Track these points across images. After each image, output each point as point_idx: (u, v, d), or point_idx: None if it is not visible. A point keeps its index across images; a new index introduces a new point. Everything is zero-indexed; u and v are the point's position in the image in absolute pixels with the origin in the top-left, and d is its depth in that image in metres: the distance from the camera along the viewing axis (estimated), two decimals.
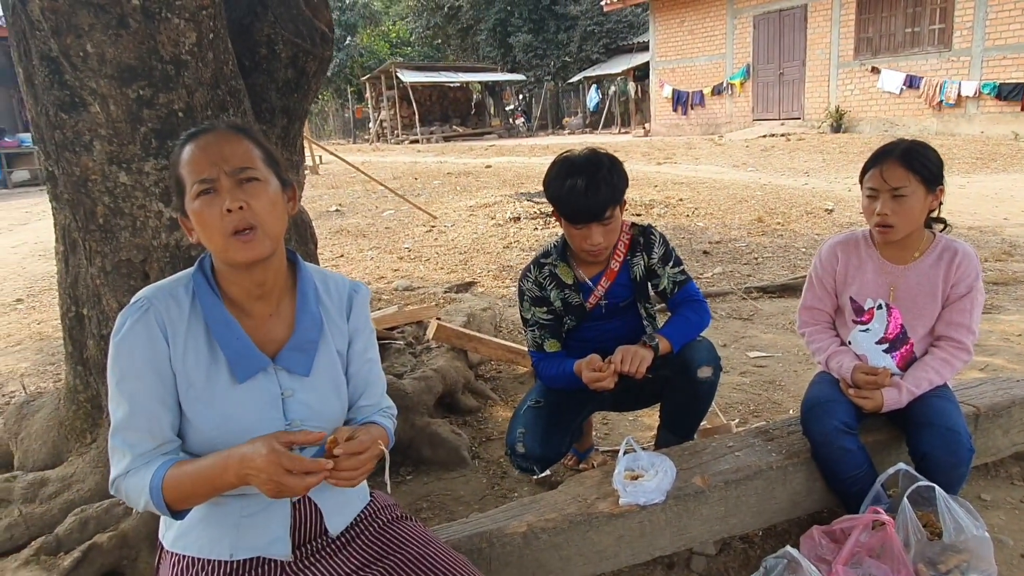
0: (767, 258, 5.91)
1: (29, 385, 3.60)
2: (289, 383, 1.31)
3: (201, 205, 1.21)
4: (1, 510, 2.22)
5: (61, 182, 2.06)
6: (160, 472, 1.20)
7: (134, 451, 1.22)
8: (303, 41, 2.37)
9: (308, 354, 1.33)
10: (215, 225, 1.20)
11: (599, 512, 1.81)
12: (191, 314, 1.27)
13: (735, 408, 3.07)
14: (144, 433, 1.23)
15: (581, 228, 2.00)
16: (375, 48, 32.05)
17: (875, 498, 1.86)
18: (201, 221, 1.22)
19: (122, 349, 1.23)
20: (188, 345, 1.25)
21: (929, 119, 14.30)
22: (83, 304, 2.24)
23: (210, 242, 1.23)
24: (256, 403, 1.28)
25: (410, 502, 2.43)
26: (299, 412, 1.32)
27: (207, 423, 1.25)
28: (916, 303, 2.01)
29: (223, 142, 1.24)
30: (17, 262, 7.11)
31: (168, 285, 1.29)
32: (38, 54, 1.91)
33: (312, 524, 1.36)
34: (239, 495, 1.30)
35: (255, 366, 1.28)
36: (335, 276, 1.45)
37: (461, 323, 3.56)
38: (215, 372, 1.26)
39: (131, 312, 1.25)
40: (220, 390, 1.26)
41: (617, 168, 2.01)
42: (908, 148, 1.91)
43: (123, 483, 1.23)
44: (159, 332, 1.24)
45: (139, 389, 1.22)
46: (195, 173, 1.22)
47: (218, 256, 1.27)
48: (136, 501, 1.22)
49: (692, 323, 2.15)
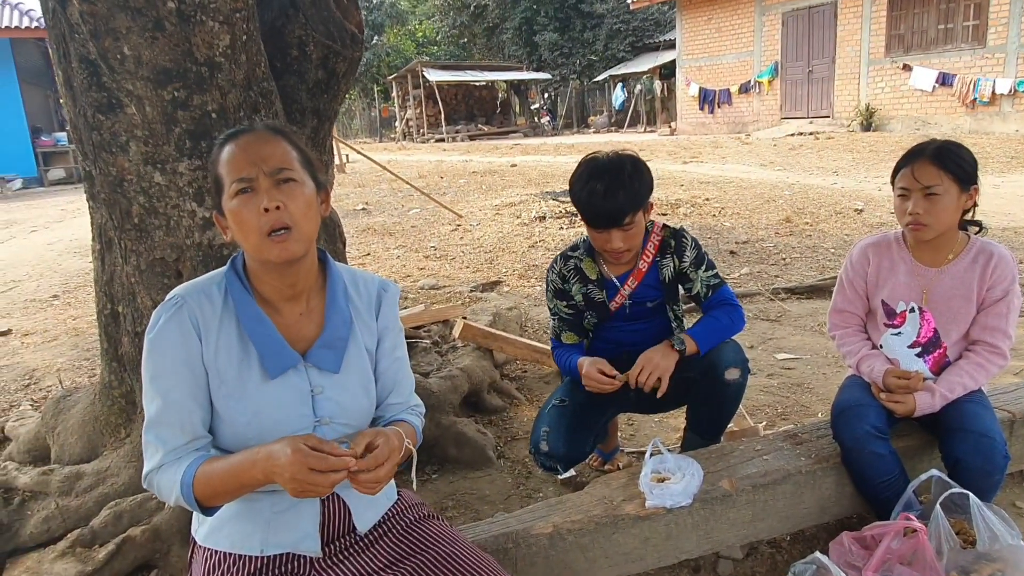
0: (795, 259, 5.84)
1: (65, 380, 3.69)
2: (319, 380, 1.33)
3: (239, 204, 1.23)
4: (38, 503, 2.28)
5: (98, 182, 2.10)
6: (191, 469, 1.22)
7: (166, 446, 1.25)
8: (333, 42, 2.40)
9: (338, 351, 1.35)
10: (252, 224, 1.22)
11: (625, 514, 1.81)
12: (224, 311, 1.29)
13: (762, 411, 3.05)
14: (176, 429, 1.25)
15: (601, 232, 2.00)
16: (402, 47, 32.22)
17: (907, 504, 1.84)
18: (238, 220, 1.24)
19: (156, 346, 1.26)
20: (220, 342, 1.27)
21: (962, 117, 14.02)
22: (118, 301, 2.28)
23: (245, 241, 1.25)
24: (286, 399, 1.30)
25: (435, 501, 2.45)
26: (328, 409, 1.33)
27: (238, 419, 1.27)
28: (950, 307, 1.97)
29: (262, 142, 1.26)
30: (53, 259, 7.27)
31: (201, 283, 1.31)
32: (77, 57, 1.95)
33: (341, 521, 1.37)
34: (270, 492, 1.32)
35: (286, 362, 1.30)
36: (364, 274, 1.47)
37: (487, 322, 3.57)
38: (247, 369, 1.28)
39: (165, 310, 1.27)
40: (251, 387, 1.28)
41: (640, 173, 1.99)
42: (940, 147, 1.88)
43: (155, 478, 1.26)
44: (192, 329, 1.26)
45: (172, 385, 1.25)
46: (234, 172, 1.24)
47: (252, 255, 1.29)
48: (168, 496, 1.25)
49: (723, 325, 2.13)
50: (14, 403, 3.51)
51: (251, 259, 1.31)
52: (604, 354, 2.30)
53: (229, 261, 1.34)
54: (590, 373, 2.06)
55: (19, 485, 2.34)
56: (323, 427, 1.33)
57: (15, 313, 5.36)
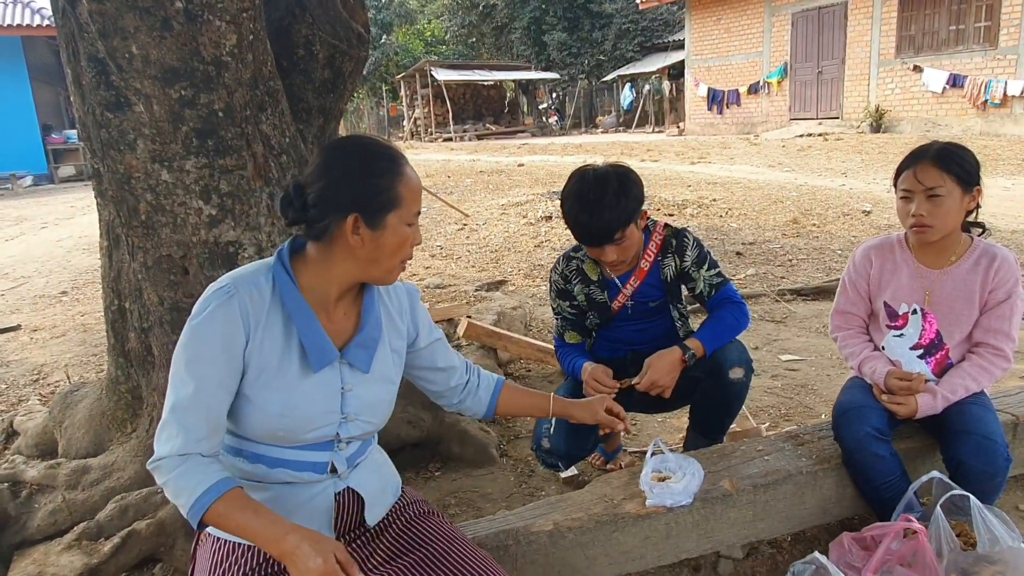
0: (801, 260, 5.83)
1: (73, 375, 3.72)
2: (350, 378, 1.37)
3: (408, 232, 1.33)
4: (45, 496, 2.30)
5: (106, 179, 2.12)
6: (213, 495, 1.19)
7: (187, 435, 1.22)
8: (340, 42, 2.41)
9: (370, 351, 1.39)
10: (404, 252, 1.34)
11: (625, 513, 1.81)
12: (271, 303, 1.30)
13: (766, 412, 3.05)
14: (201, 417, 1.23)
15: (593, 248, 2.03)
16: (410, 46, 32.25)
17: (907, 506, 1.83)
18: (400, 244, 1.32)
19: (201, 332, 1.25)
20: (266, 333, 1.29)
21: (973, 119, 13.94)
22: (125, 298, 2.31)
23: (384, 259, 1.32)
24: (320, 394, 1.33)
25: (438, 498, 2.46)
26: (355, 406, 1.37)
27: (272, 408, 1.28)
28: (953, 309, 1.97)
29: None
30: (62, 255, 7.33)
31: (251, 273, 1.32)
32: (86, 55, 1.97)
33: (353, 515, 1.41)
34: (285, 483, 1.35)
35: (328, 358, 1.33)
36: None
37: (491, 321, 3.59)
38: (287, 361, 1.30)
39: (215, 297, 1.26)
40: (290, 379, 1.30)
41: (626, 190, 1.97)
42: (943, 148, 1.88)
43: (168, 466, 1.22)
44: (240, 320, 1.26)
45: (209, 373, 1.24)
46: (417, 202, 1.34)
47: (377, 273, 1.34)
48: (174, 494, 1.22)
49: (728, 325, 2.14)
50: (23, 398, 3.55)
51: (344, 269, 1.32)
52: (608, 353, 2.31)
53: (275, 254, 1.35)
54: (590, 381, 2.08)
55: (27, 478, 2.37)
56: (348, 423, 1.37)
57: (24, 309, 5.41)
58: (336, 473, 1.38)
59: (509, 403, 1.72)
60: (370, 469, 1.47)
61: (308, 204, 1.28)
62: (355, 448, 1.43)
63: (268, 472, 1.34)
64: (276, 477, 1.35)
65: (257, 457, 1.34)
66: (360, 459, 1.44)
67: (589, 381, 2.08)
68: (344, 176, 1.28)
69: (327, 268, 1.32)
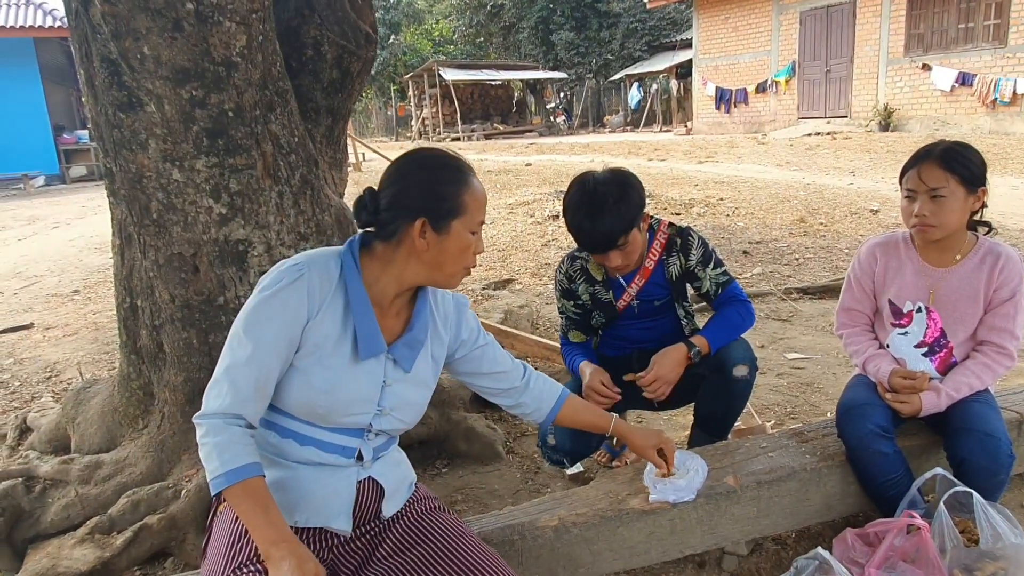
0: (808, 259, 5.83)
1: (85, 373, 3.76)
2: (392, 374, 1.42)
3: (472, 240, 1.39)
4: (59, 491, 2.34)
5: (118, 178, 2.16)
6: (239, 476, 1.23)
7: (236, 394, 1.27)
8: (348, 42, 2.44)
9: (414, 352, 1.45)
10: (467, 258, 1.40)
11: (630, 508, 1.83)
12: (336, 287, 1.36)
13: (771, 410, 3.05)
14: (252, 379, 1.28)
15: (597, 255, 2.05)
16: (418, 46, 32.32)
17: (911, 502, 1.84)
18: (461, 248, 1.38)
19: (269, 303, 1.30)
20: (326, 314, 1.34)
21: (982, 118, 13.86)
22: (137, 295, 2.34)
23: (447, 263, 1.38)
24: (364, 383, 1.38)
25: (445, 494, 2.48)
26: (391, 402, 1.42)
27: (319, 383, 1.33)
28: (957, 307, 1.98)
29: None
30: (74, 255, 7.39)
31: (322, 257, 1.38)
32: (99, 56, 2.00)
33: (372, 505, 1.45)
34: (313, 465, 1.38)
35: (376, 348, 1.38)
36: (439, 290, 1.55)
37: (498, 320, 3.61)
38: (341, 344, 1.36)
39: (288, 273, 1.32)
40: (340, 361, 1.36)
41: (626, 196, 1.97)
42: (947, 148, 1.89)
43: (211, 428, 1.26)
44: (306, 298, 1.32)
45: (268, 340, 1.29)
46: (481, 211, 1.40)
47: (440, 277, 1.41)
48: (206, 456, 1.26)
49: (734, 324, 2.15)
50: (36, 395, 3.59)
51: (411, 270, 1.38)
52: (614, 352, 2.33)
53: (346, 244, 1.41)
54: (592, 385, 2.11)
55: (40, 474, 2.40)
56: (382, 416, 1.42)
57: (37, 307, 5.47)
58: (361, 461, 1.43)
59: (571, 416, 1.74)
60: (391, 464, 1.51)
61: (380, 208, 1.36)
62: (382, 441, 1.48)
63: (298, 449, 1.38)
64: (303, 456, 1.38)
65: (289, 433, 1.38)
66: (383, 453, 1.49)
67: (590, 394, 2.11)
68: (416, 183, 1.36)
69: (391, 267, 1.39)
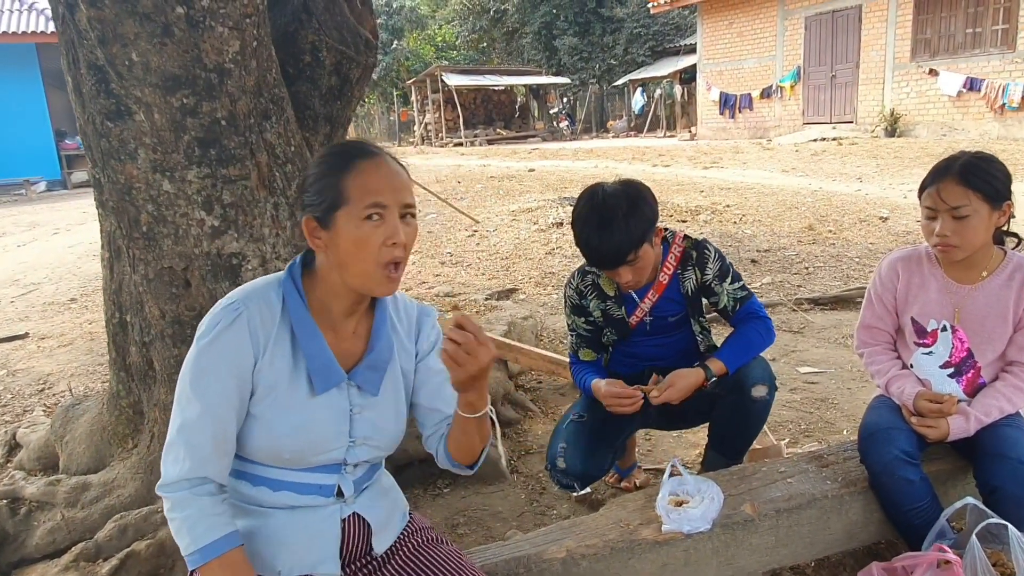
0: (818, 268, 5.73)
1: (79, 385, 3.68)
2: (359, 400, 1.31)
3: (369, 228, 1.19)
4: (45, 513, 2.25)
5: (107, 189, 2.08)
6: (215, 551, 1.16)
7: (195, 456, 1.18)
8: (347, 48, 2.36)
9: (379, 374, 1.33)
10: (372, 251, 1.19)
11: (641, 539, 1.73)
12: (281, 320, 1.25)
13: (785, 427, 2.96)
14: (208, 437, 1.19)
15: (607, 271, 1.96)
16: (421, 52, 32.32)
17: (939, 533, 1.75)
18: (360, 243, 1.19)
19: (209, 352, 1.20)
20: (275, 351, 1.24)
21: (990, 123, 13.75)
22: (126, 311, 2.25)
23: (356, 264, 1.20)
24: (328, 417, 1.27)
25: (447, 516, 2.39)
26: (364, 430, 1.31)
27: (279, 428, 1.23)
28: (984, 326, 1.88)
29: (395, 172, 1.24)
30: (73, 262, 7.33)
31: (261, 289, 1.26)
32: (86, 63, 1.92)
33: (360, 543, 1.35)
34: (289, 508, 1.29)
35: (333, 380, 1.27)
36: (404, 298, 1.44)
37: (501, 332, 3.52)
38: (296, 380, 1.25)
39: (224, 314, 1.21)
40: (298, 399, 1.25)
41: (637, 210, 1.88)
42: (967, 164, 1.76)
43: (178, 500, 1.18)
44: (249, 339, 1.21)
45: (216, 393, 1.19)
46: (371, 195, 1.19)
47: (354, 279, 1.23)
48: (177, 532, 1.18)
49: (752, 343, 2.06)
50: (28, 408, 3.51)
51: (337, 280, 1.25)
52: (626, 369, 2.24)
53: (287, 269, 1.29)
54: (610, 393, 2.01)
55: (26, 495, 2.32)
56: (357, 448, 1.31)
57: (33, 316, 5.40)
58: (343, 497, 1.32)
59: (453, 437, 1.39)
60: (378, 494, 1.41)
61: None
62: (363, 472, 1.36)
63: (272, 496, 1.29)
64: (280, 501, 1.29)
65: (261, 480, 1.29)
66: (367, 483, 1.38)
67: (612, 403, 2.01)
68: (304, 181, 1.27)
69: (325, 280, 1.27)
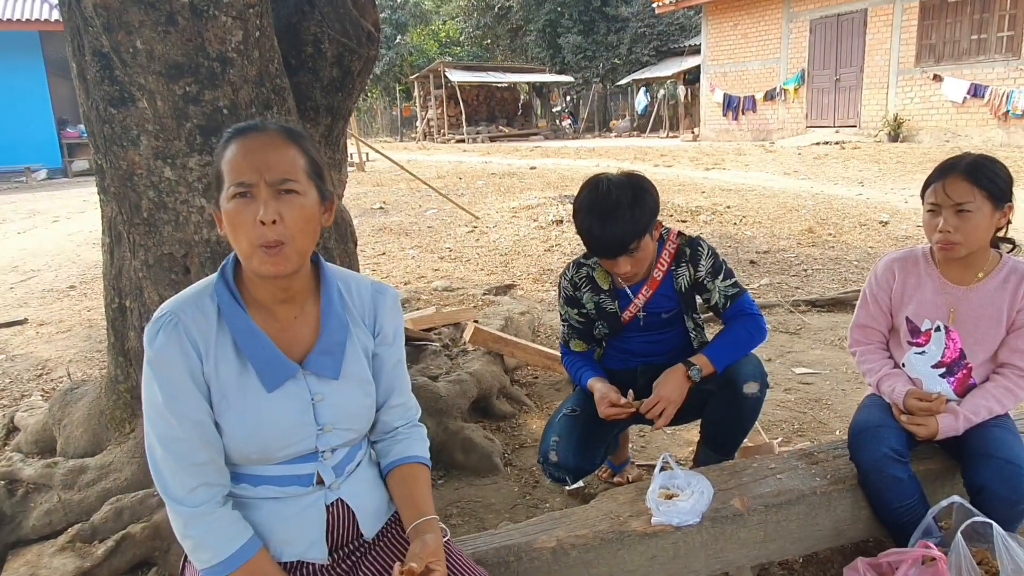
0: (817, 270, 5.74)
1: (76, 372, 3.70)
2: (319, 387, 1.29)
3: (236, 207, 1.18)
4: (41, 495, 2.27)
5: (108, 175, 2.09)
6: (237, 561, 1.20)
7: (190, 464, 1.20)
8: (349, 40, 2.37)
9: (336, 356, 1.31)
10: (245, 231, 1.17)
11: (631, 531, 1.75)
12: (219, 324, 1.24)
13: (778, 426, 2.97)
14: (195, 444, 1.20)
15: (606, 260, 1.97)
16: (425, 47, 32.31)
17: (926, 531, 1.76)
18: (232, 223, 1.19)
19: (159, 366, 1.20)
20: (219, 356, 1.23)
21: (994, 130, 13.76)
22: (126, 296, 2.27)
23: (236, 245, 1.21)
24: (288, 410, 1.26)
25: (440, 508, 2.40)
26: (329, 416, 1.30)
27: (240, 432, 1.23)
28: (978, 327, 1.90)
29: (269, 148, 1.20)
30: (72, 249, 7.34)
31: (192, 296, 1.25)
32: (90, 50, 1.93)
33: (347, 528, 1.36)
34: (274, 499, 1.30)
35: (284, 374, 1.26)
36: (357, 277, 1.42)
37: (498, 326, 3.53)
38: (246, 381, 1.24)
39: (161, 326, 1.20)
40: (252, 399, 1.24)
41: (640, 200, 1.91)
42: (974, 161, 1.80)
43: (190, 517, 1.20)
44: (189, 348, 1.20)
45: (185, 402, 1.20)
46: (234, 174, 1.18)
47: (243, 260, 1.23)
48: (193, 547, 1.21)
49: (741, 340, 2.07)
50: (26, 392, 3.53)
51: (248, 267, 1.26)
52: (618, 364, 2.25)
53: (219, 269, 1.28)
54: (605, 400, 2.04)
55: (23, 477, 2.33)
56: (326, 434, 1.30)
57: (32, 302, 5.41)
58: (324, 484, 1.33)
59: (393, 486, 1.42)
60: (365, 479, 1.41)
61: None
62: (342, 456, 1.35)
63: (254, 491, 1.30)
64: (263, 494, 1.30)
65: (241, 477, 1.30)
66: (349, 466, 1.37)
67: (607, 411, 2.03)
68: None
69: (246, 271, 1.26)
